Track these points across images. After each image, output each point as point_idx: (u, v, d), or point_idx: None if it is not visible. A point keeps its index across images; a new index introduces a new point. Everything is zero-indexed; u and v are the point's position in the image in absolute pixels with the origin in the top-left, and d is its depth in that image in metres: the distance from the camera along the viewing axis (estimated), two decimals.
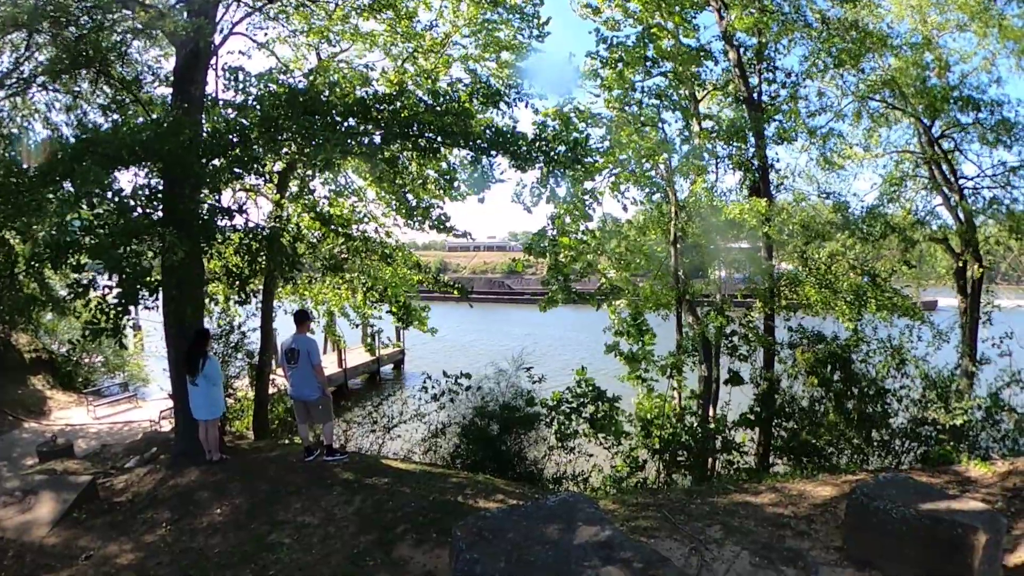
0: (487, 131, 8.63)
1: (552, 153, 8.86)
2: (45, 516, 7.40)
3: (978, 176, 16.65)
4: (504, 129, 8.79)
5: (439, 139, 8.53)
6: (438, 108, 8.47)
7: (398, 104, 8.39)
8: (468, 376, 10.57)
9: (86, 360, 22.70)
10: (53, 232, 7.07)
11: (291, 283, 11.33)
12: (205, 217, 8.09)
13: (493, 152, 8.71)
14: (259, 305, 11.11)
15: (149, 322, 8.80)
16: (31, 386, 19.61)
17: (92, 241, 6.68)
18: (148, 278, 7.12)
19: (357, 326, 14.07)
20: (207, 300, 9.50)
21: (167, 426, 14.48)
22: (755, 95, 13.37)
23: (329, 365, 23.08)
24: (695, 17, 13.37)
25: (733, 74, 13.52)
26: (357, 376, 30.63)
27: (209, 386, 8.53)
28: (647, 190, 12.86)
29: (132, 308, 7.24)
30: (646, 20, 12.49)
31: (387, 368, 33.94)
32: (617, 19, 13.10)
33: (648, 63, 12.81)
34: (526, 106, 9.98)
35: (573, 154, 8.84)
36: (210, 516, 7.14)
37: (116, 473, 9.15)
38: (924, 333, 10.51)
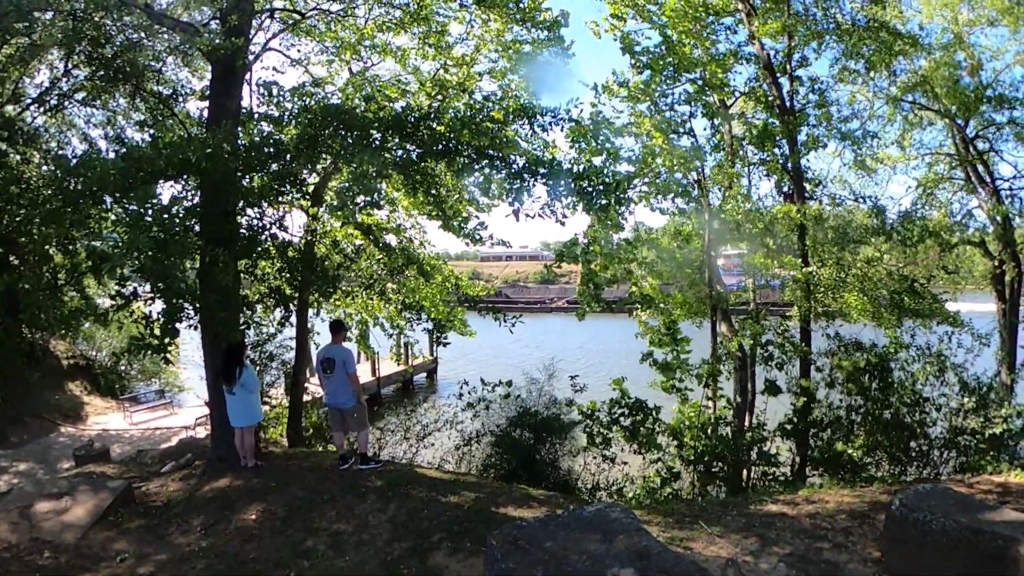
0: (521, 157, 8.54)
1: (590, 190, 8.52)
2: (81, 518, 7.45)
3: (1015, 176, 16.34)
4: (540, 158, 8.64)
5: (476, 158, 8.51)
6: (474, 126, 8.43)
7: (434, 123, 8.39)
8: (509, 383, 10.56)
9: (123, 367, 23.22)
10: (96, 244, 7.19)
11: (328, 298, 11.41)
12: (246, 234, 8.20)
13: (528, 178, 8.57)
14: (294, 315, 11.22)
15: (184, 331, 8.94)
16: (68, 391, 20.07)
17: (137, 256, 6.79)
18: (192, 296, 7.23)
19: (391, 336, 14.21)
20: (247, 313, 9.59)
21: (203, 432, 14.74)
22: (786, 100, 13.23)
23: (363, 374, 23.27)
24: (731, 30, 13.29)
25: (763, 79, 13.38)
26: (391, 385, 30.60)
27: (246, 394, 8.66)
28: (680, 198, 12.76)
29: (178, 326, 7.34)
30: (673, 26, 12.38)
31: (420, 377, 33.92)
32: (632, 33, 12.90)
33: (674, 69, 12.70)
34: (561, 129, 9.87)
35: (612, 195, 8.52)
36: (245, 521, 7.21)
37: (152, 477, 9.30)
38: (963, 339, 10.29)
